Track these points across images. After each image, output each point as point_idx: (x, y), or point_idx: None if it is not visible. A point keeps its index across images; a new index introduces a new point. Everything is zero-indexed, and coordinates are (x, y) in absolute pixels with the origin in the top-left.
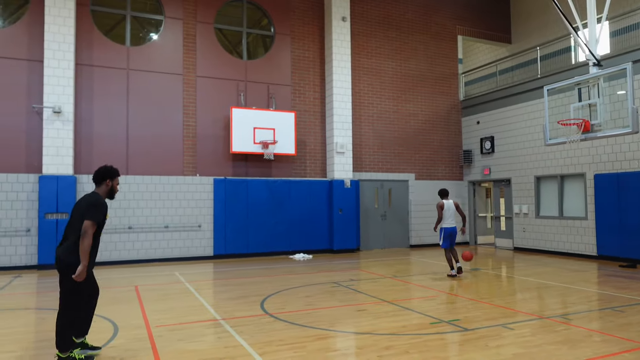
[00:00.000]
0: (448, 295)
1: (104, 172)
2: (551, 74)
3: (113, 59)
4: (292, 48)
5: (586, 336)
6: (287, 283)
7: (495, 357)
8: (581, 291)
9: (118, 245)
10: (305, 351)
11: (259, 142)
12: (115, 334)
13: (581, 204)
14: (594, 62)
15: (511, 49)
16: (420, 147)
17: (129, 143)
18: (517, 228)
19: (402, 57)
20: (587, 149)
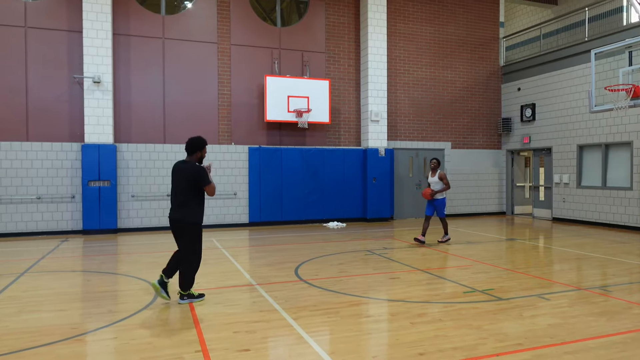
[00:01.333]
0: (483, 264)
1: (197, 143)
2: (600, 36)
3: (149, 28)
4: (326, 14)
5: (626, 308)
6: (321, 250)
7: (529, 326)
8: (622, 263)
9: (157, 212)
10: (338, 317)
11: (293, 111)
12: (156, 297)
13: (626, 174)
14: None
15: (557, 10)
16: (457, 115)
17: (165, 112)
18: (557, 198)
19: (440, 22)
20: (636, 116)
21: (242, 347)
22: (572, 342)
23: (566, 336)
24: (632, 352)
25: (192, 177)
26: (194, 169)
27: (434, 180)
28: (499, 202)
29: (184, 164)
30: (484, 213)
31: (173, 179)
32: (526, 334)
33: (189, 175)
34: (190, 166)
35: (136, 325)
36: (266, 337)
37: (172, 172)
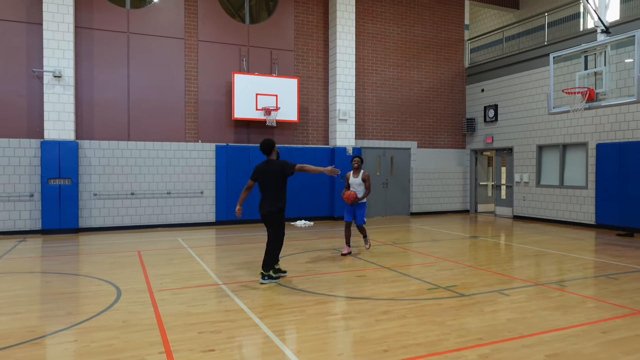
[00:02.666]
0: (446, 262)
1: (272, 143)
2: (558, 41)
3: (113, 22)
4: (295, 12)
5: (580, 302)
6: (288, 249)
7: (490, 321)
8: (578, 259)
9: (120, 211)
10: (305, 315)
11: (261, 109)
12: (118, 298)
13: (582, 173)
14: (602, 29)
15: (519, 14)
16: (423, 115)
17: (130, 109)
18: (517, 197)
19: (407, 23)
20: (591, 118)
21: (206, 347)
22: (529, 335)
23: (524, 330)
24: (584, 344)
25: (280, 171)
26: (280, 164)
27: (356, 181)
28: (463, 201)
29: (269, 163)
30: (448, 211)
31: (260, 177)
32: (486, 329)
33: (277, 171)
34: (277, 163)
35: (97, 327)
36: (232, 337)
37: (258, 173)
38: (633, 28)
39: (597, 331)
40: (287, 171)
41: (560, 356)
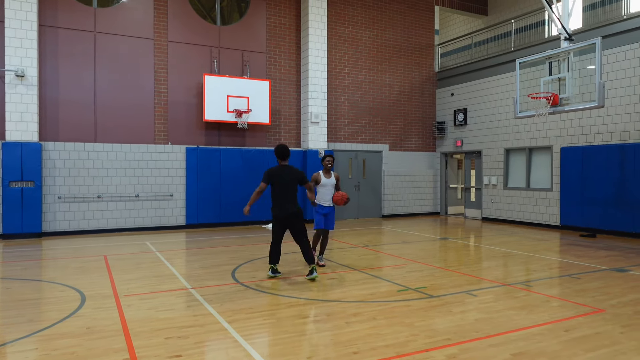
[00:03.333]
0: (417, 263)
1: (287, 149)
2: (524, 47)
3: (79, 20)
4: (267, 14)
5: (544, 302)
6: (259, 252)
7: (458, 322)
8: (543, 259)
9: (86, 214)
10: (274, 318)
11: (232, 111)
12: (82, 304)
13: (547, 176)
14: (566, 36)
15: (487, 20)
16: (395, 118)
17: (97, 110)
18: (486, 199)
19: (378, 27)
20: (555, 123)
21: (173, 353)
22: (496, 335)
23: (490, 330)
24: (548, 343)
25: (301, 178)
26: (301, 172)
27: (330, 182)
28: (433, 203)
29: (288, 167)
30: (419, 213)
31: (278, 181)
32: (454, 329)
33: (298, 178)
34: (297, 169)
35: (59, 334)
36: (200, 342)
37: (274, 176)
38: (594, 36)
39: (560, 329)
40: (304, 181)
41: (525, 355)
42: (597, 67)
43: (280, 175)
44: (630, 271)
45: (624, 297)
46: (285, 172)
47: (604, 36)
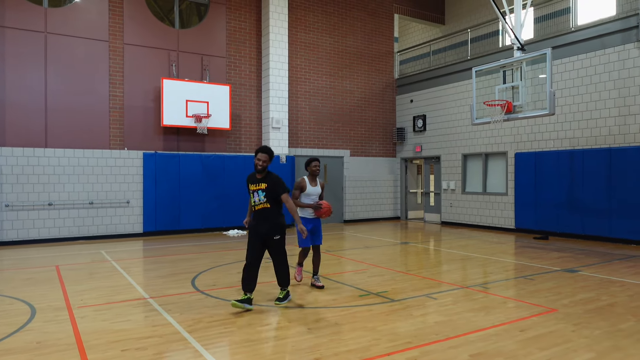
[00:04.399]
0: (378, 268)
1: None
2: (480, 56)
3: (28, 20)
4: (227, 19)
5: (501, 303)
6: (220, 259)
7: (418, 325)
8: (499, 262)
9: (37, 223)
10: (235, 327)
11: (191, 116)
12: (32, 317)
13: (502, 181)
14: (518, 46)
15: (444, 29)
16: (356, 124)
17: (47, 113)
18: (445, 203)
19: (339, 33)
20: (510, 129)
21: None
22: (455, 337)
23: (450, 332)
24: (504, 342)
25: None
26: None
27: (316, 191)
28: (394, 208)
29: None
30: (380, 218)
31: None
32: (415, 332)
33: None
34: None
35: (6, 350)
36: (159, 353)
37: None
38: (545, 46)
39: (516, 329)
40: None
41: (483, 355)
42: (548, 77)
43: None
44: (580, 272)
45: (575, 296)
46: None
47: (554, 47)
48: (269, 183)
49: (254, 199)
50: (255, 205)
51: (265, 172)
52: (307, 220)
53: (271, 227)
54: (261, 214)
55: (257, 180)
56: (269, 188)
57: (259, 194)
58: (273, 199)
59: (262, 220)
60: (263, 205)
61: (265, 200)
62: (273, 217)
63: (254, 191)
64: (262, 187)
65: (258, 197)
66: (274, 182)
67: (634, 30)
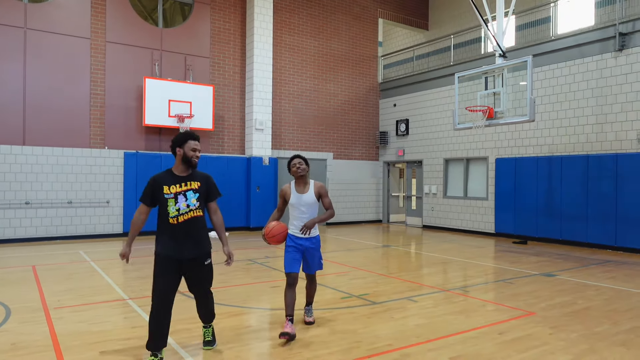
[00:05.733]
0: (360, 270)
1: (172, 142)
2: (462, 62)
3: (7, 15)
4: (211, 19)
5: (481, 306)
6: None
7: (399, 327)
8: (479, 265)
9: (13, 222)
10: (217, 328)
11: (174, 116)
12: (7, 318)
13: (483, 186)
14: (500, 53)
15: (428, 35)
16: (339, 127)
17: (26, 110)
18: (426, 207)
19: (324, 36)
20: (491, 135)
21: None
22: (435, 339)
23: (430, 334)
24: (483, 345)
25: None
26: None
27: (306, 200)
28: (376, 211)
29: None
30: (362, 221)
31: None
32: (396, 335)
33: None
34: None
35: None
36: (138, 355)
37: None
38: (526, 54)
39: (494, 332)
40: (216, 193)
41: (462, 357)
42: (529, 84)
43: None
44: (558, 276)
45: (552, 300)
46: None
47: (535, 54)
48: (202, 182)
49: (177, 205)
50: (180, 216)
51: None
52: (295, 240)
53: (202, 247)
54: (188, 227)
55: (183, 178)
56: (203, 189)
57: (188, 197)
58: (203, 204)
59: (188, 237)
60: (194, 214)
61: (198, 206)
62: (204, 231)
63: (178, 194)
64: (193, 186)
65: (186, 203)
66: (210, 182)
67: (612, 41)
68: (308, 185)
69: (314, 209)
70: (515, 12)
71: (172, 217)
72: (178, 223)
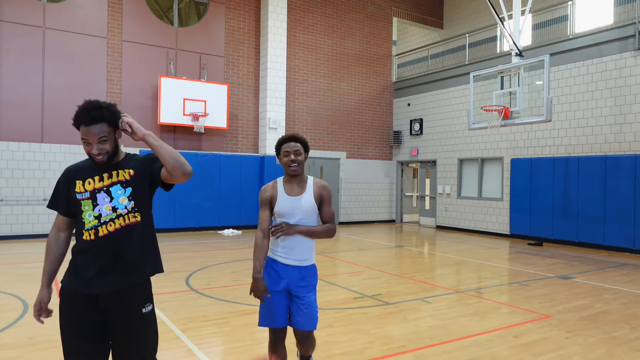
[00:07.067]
0: (373, 270)
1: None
2: (477, 61)
3: (26, 15)
4: (226, 18)
5: (495, 308)
6: (215, 259)
7: (413, 329)
8: (494, 267)
9: (31, 217)
10: (230, 327)
11: (189, 114)
12: (25, 312)
13: (498, 186)
14: (516, 52)
15: (443, 34)
16: (352, 126)
17: (44, 109)
18: (440, 207)
19: (338, 36)
20: (506, 135)
21: None
22: (449, 341)
23: (444, 336)
24: (498, 348)
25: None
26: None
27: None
28: (389, 211)
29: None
30: (375, 221)
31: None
32: (409, 336)
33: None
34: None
35: None
36: None
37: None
38: (543, 53)
39: (510, 335)
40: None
41: None
42: (545, 83)
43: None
44: (574, 278)
45: (569, 303)
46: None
47: (552, 53)
48: (138, 167)
49: (97, 210)
50: (101, 226)
51: (116, 153)
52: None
53: (135, 276)
54: (114, 245)
55: (106, 167)
56: (142, 175)
57: (115, 195)
58: (146, 201)
59: (113, 261)
60: (125, 221)
61: (133, 208)
62: (147, 252)
63: (97, 191)
64: (122, 177)
65: (110, 204)
66: (147, 158)
67: (631, 39)
68: (305, 184)
69: (312, 219)
70: (532, 10)
71: (87, 230)
72: (97, 238)
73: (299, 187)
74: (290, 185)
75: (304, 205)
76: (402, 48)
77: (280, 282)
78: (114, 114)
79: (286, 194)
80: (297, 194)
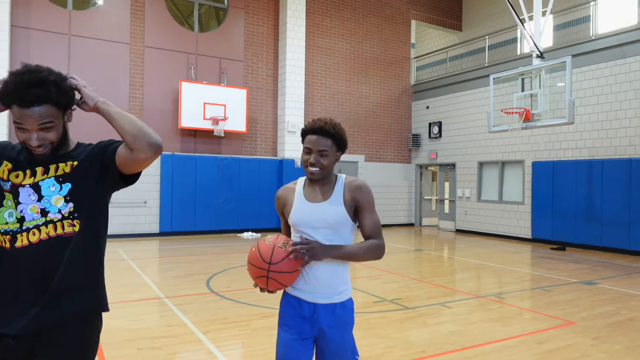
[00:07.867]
0: (392, 274)
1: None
2: (497, 63)
3: (53, 22)
4: (245, 23)
5: (517, 314)
6: (235, 261)
7: (433, 334)
8: (515, 272)
9: None
10: (250, 329)
11: (209, 118)
12: None
13: (519, 190)
14: (537, 54)
15: (462, 36)
16: (371, 130)
17: None
18: (460, 211)
19: (356, 39)
20: (527, 137)
21: None
22: (471, 347)
23: (466, 342)
24: (521, 355)
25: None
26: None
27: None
28: (408, 214)
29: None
30: (394, 224)
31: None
32: (430, 341)
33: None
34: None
35: None
36: (173, 353)
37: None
38: (565, 54)
39: (533, 342)
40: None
41: None
42: (567, 85)
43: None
44: (599, 284)
45: (594, 309)
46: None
47: (573, 55)
48: (85, 156)
49: (19, 209)
50: (21, 233)
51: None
52: (299, 308)
53: (70, 306)
54: (39, 260)
55: (44, 162)
56: (85, 166)
57: (45, 193)
58: (92, 205)
59: (38, 284)
60: (56, 231)
61: (71, 212)
62: (84, 276)
63: (20, 186)
64: (61, 171)
65: (38, 205)
66: (97, 146)
67: None
68: (332, 186)
69: (345, 234)
70: (553, 11)
71: (3, 233)
72: (12, 249)
73: (323, 191)
74: (312, 187)
75: (331, 215)
76: (421, 51)
77: (305, 327)
78: (65, 92)
79: (305, 200)
80: (320, 200)
